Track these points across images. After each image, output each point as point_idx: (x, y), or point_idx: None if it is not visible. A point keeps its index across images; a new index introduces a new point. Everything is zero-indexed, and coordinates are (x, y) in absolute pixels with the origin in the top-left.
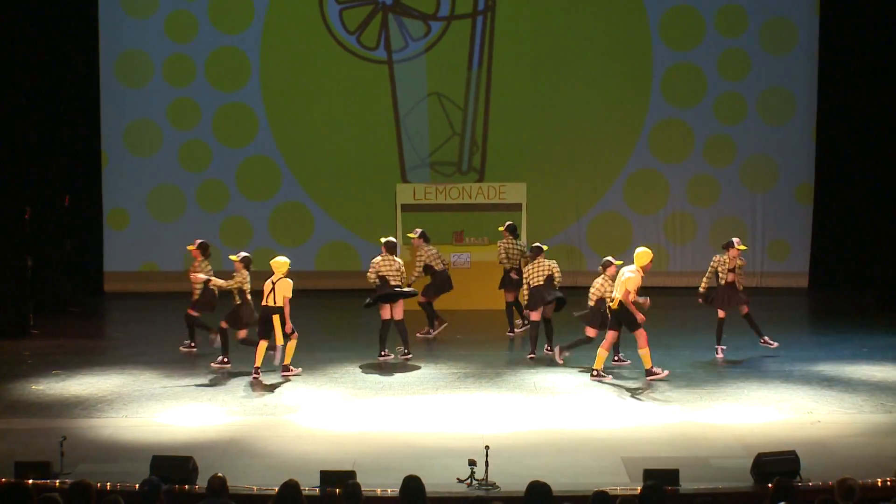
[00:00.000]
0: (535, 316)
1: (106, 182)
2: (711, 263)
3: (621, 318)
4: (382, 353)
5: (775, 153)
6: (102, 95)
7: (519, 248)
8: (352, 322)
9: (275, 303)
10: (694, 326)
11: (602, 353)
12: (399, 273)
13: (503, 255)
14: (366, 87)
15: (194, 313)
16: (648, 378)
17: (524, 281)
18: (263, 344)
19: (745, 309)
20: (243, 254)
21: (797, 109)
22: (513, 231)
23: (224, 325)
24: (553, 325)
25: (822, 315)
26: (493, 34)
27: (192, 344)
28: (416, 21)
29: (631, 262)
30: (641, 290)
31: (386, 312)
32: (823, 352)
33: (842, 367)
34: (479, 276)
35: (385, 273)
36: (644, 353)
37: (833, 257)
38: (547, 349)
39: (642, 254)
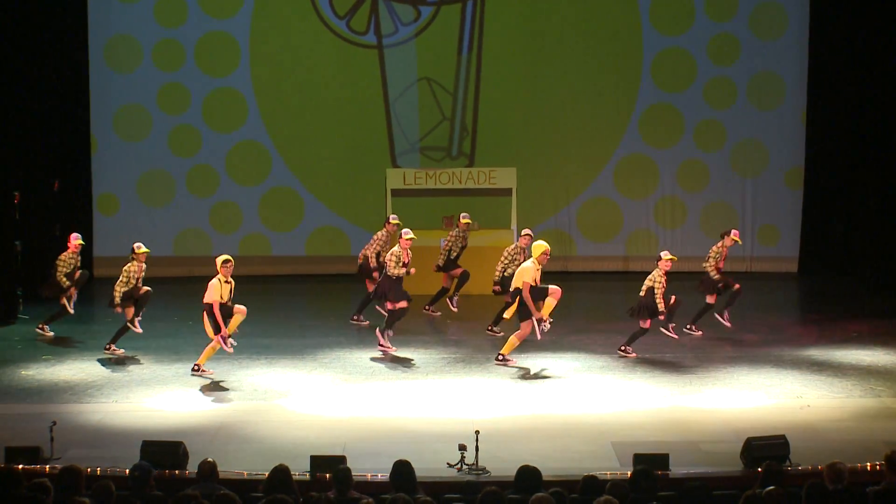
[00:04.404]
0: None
1: (95, 167)
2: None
3: (519, 308)
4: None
5: (765, 138)
6: (91, 80)
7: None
8: (343, 307)
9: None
10: (683, 311)
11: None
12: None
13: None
14: (356, 72)
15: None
16: (497, 362)
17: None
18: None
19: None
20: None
21: (787, 94)
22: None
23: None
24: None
25: (812, 299)
26: (482, 19)
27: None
28: (405, 6)
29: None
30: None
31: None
32: (813, 336)
33: (831, 352)
34: (468, 261)
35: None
36: (513, 341)
37: (823, 241)
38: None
39: (537, 246)
